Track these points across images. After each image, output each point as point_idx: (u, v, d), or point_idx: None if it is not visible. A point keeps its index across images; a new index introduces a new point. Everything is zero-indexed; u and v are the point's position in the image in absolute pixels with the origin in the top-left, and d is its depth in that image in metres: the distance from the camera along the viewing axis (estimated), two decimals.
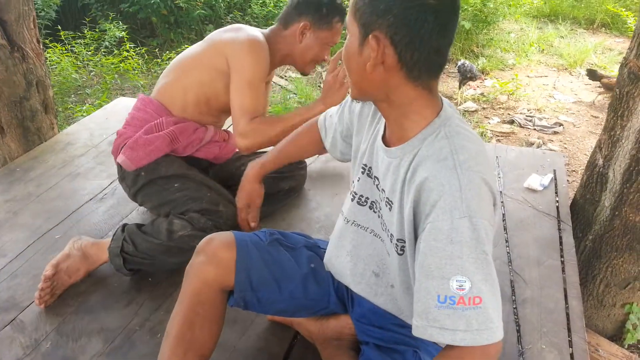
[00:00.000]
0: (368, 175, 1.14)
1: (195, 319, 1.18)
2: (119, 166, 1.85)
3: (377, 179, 1.11)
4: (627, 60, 1.81)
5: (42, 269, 1.75)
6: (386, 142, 1.08)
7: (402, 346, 1.21)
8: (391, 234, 1.07)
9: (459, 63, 4.36)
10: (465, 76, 4.23)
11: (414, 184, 0.96)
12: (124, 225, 1.72)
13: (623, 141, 1.85)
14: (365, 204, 1.17)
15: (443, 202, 0.90)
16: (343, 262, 1.25)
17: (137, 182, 1.82)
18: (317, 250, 1.37)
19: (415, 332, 0.93)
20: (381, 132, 1.10)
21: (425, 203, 0.93)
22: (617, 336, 2.21)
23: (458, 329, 0.87)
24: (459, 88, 4.38)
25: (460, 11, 0.96)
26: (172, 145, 1.84)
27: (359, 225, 1.19)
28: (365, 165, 1.15)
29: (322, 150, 1.49)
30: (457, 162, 0.92)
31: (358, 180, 1.18)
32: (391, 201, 1.05)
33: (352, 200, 1.20)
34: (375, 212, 1.15)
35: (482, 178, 0.92)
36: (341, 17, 1.85)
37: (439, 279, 0.89)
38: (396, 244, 1.06)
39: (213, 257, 1.22)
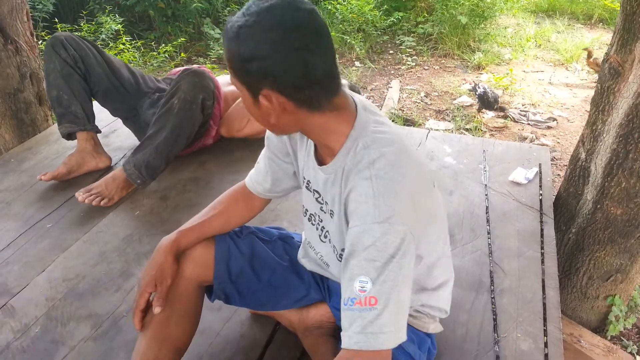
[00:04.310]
0: (307, 188, 1.17)
1: (171, 314, 1.18)
2: None
3: (317, 192, 1.14)
4: (608, 56, 1.83)
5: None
6: (319, 158, 1.11)
7: None
8: (333, 245, 1.13)
9: (479, 90, 4.15)
10: (491, 107, 4.09)
11: (344, 198, 1.01)
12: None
13: (604, 135, 1.88)
14: (305, 214, 1.22)
15: (359, 210, 0.93)
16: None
17: None
18: (291, 241, 1.40)
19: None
20: (313, 149, 1.12)
21: (350, 213, 0.97)
22: (600, 328, 2.24)
23: (354, 330, 0.88)
24: (478, 112, 4.19)
25: (329, 26, 0.96)
26: None
27: (306, 237, 1.27)
28: (304, 178, 1.18)
29: (249, 217, 1.37)
30: (373, 172, 0.94)
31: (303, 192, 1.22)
32: (332, 212, 1.10)
33: (302, 209, 1.25)
34: (313, 224, 1.19)
35: (398, 184, 0.94)
36: None
37: (347, 280, 0.91)
38: (340, 254, 1.11)
39: (190, 253, 1.24)
